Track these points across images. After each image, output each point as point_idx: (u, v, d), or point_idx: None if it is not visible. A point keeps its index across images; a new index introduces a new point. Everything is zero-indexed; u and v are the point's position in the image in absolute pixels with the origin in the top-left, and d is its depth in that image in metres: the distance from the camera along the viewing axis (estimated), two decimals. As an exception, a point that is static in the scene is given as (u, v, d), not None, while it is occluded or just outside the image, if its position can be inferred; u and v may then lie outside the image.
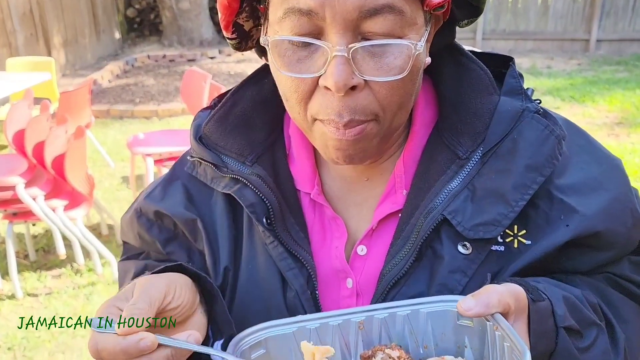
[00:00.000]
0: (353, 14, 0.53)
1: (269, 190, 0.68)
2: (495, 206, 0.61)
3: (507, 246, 0.63)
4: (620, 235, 0.65)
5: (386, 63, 0.55)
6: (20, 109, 3.15)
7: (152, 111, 6.04)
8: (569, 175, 0.64)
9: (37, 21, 7.19)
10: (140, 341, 0.52)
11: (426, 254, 0.64)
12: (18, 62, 4.88)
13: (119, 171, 4.60)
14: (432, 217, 0.62)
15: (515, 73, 0.68)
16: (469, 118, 0.65)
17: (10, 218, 2.93)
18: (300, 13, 0.54)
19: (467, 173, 0.64)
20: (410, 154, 0.68)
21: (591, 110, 6.01)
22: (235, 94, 0.73)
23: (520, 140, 0.63)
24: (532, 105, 0.65)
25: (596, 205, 0.63)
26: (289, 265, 0.67)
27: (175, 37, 8.83)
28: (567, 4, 8.85)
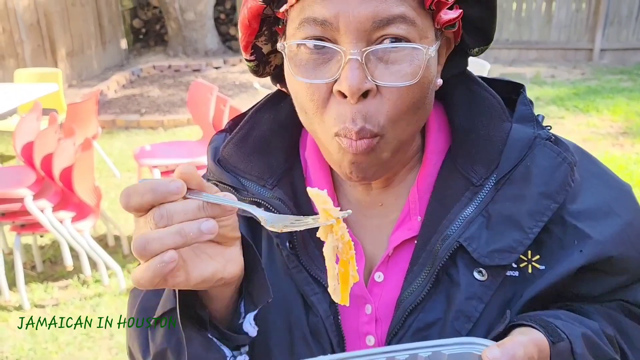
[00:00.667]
0: (366, 24, 0.55)
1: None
2: (510, 233, 0.62)
3: (521, 271, 0.64)
4: (633, 260, 0.66)
5: (398, 69, 0.57)
6: (29, 121, 3.19)
7: (158, 121, 6.08)
8: (581, 201, 0.65)
9: (44, 32, 7.26)
10: (170, 182, 0.51)
11: (443, 280, 0.64)
12: (26, 73, 4.94)
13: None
14: (448, 244, 0.63)
15: (526, 100, 0.69)
16: (482, 145, 0.66)
17: (18, 230, 2.96)
18: (315, 23, 0.56)
19: (481, 200, 0.64)
20: (424, 181, 0.69)
21: (595, 120, 6.02)
22: (253, 117, 0.74)
23: (533, 167, 0.63)
24: (544, 132, 0.66)
25: (609, 231, 0.64)
26: (313, 290, 0.67)
27: (180, 48, 8.90)
28: (570, 13, 8.88)
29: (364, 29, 0.55)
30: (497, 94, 0.71)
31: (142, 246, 0.49)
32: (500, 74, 8.16)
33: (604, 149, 5.10)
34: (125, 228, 3.77)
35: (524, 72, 8.30)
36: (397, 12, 0.55)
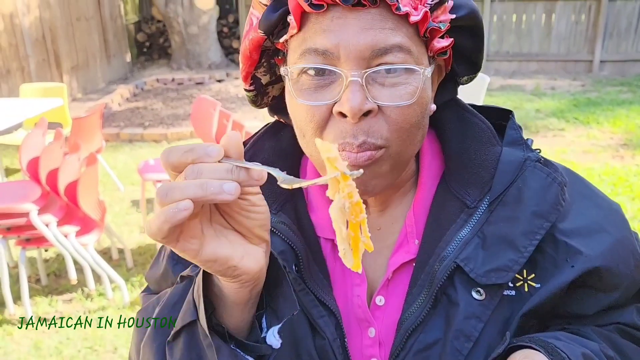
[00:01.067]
0: (365, 52, 0.58)
1: (296, 238, 0.70)
2: (505, 252, 0.64)
3: (517, 290, 0.66)
4: (623, 276, 0.67)
5: (397, 90, 0.60)
6: (34, 137, 3.23)
7: (162, 134, 6.13)
8: (571, 220, 0.67)
9: (49, 46, 7.35)
10: (209, 146, 0.52)
11: (441, 300, 0.66)
12: (31, 88, 5.00)
13: (129, 195, 4.67)
14: (446, 265, 0.65)
15: (515, 125, 0.72)
16: (475, 169, 0.69)
17: (23, 244, 2.99)
18: (317, 53, 0.60)
19: (476, 221, 0.67)
20: (419, 205, 0.72)
21: (595, 131, 6.05)
22: (254, 145, 0.77)
23: (525, 188, 0.66)
24: (533, 154, 0.69)
25: (599, 246, 0.66)
26: (320, 313, 0.68)
27: (183, 61, 8.99)
28: (569, 25, 8.95)
29: (363, 57, 0.59)
30: (489, 119, 0.74)
31: (164, 193, 0.50)
32: (501, 85, 8.21)
33: (604, 161, 5.13)
34: (129, 241, 3.80)
35: (524, 84, 8.35)
36: (394, 42, 0.59)
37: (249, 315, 0.63)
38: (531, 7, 8.95)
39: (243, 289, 0.59)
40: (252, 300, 0.62)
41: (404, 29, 0.60)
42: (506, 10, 8.99)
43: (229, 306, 0.62)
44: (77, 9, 8.00)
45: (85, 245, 3.04)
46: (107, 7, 8.78)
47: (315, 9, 0.59)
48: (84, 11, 8.18)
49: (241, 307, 0.62)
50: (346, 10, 0.59)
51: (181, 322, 0.63)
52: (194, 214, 0.51)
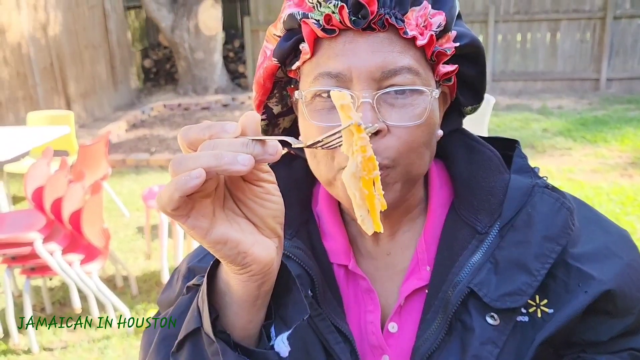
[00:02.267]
0: (376, 73, 0.61)
1: (311, 263, 0.71)
2: (518, 276, 0.64)
3: (530, 316, 0.65)
4: (635, 299, 0.67)
5: (407, 111, 0.63)
6: (39, 167, 3.25)
7: (168, 160, 6.15)
8: (581, 246, 0.67)
9: (57, 74, 7.46)
10: (227, 123, 0.51)
11: (456, 326, 0.66)
12: (38, 116, 5.05)
13: (134, 221, 4.67)
14: (459, 290, 0.65)
15: (522, 153, 0.74)
16: (484, 196, 0.70)
17: (28, 273, 2.98)
18: (330, 76, 0.63)
19: (487, 246, 0.67)
20: (430, 232, 0.73)
21: (603, 150, 6.00)
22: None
23: (534, 213, 0.67)
24: (541, 181, 0.70)
25: (611, 270, 0.66)
26: (336, 339, 0.68)
27: (190, 86, 9.08)
28: (575, 44, 8.96)
29: (374, 78, 0.62)
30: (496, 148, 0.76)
31: (178, 162, 0.49)
32: (507, 105, 8.20)
33: (612, 180, 5.08)
34: (133, 268, 3.79)
35: (531, 103, 8.34)
36: (404, 64, 0.62)
37: (256, 317, 0.60)
38: (535, 26, 8.99)
39: (251, 283, 0.57)
40: (261, 299, 0.59)
41: (412, 52, 0.63)
42: (510, 29, 9.03)
43: (236, 304, 0.59)
44: (84, 37, 8.13)
45: (89, 273, 3.03)
46: (114, 34, 8.92)
47: (328, 34, 0.63)
48: (91, 39, 8.31)
49: (248, 305, 0.59)
50: (357, 35, 0.62)
51: (185, 331, 0.61)
52: (206, 193, 0.51)
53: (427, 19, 0.63)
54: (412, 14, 0.63)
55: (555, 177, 5.22)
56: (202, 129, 0.51)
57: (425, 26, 0.63)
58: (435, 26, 0.63)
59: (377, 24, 0.61)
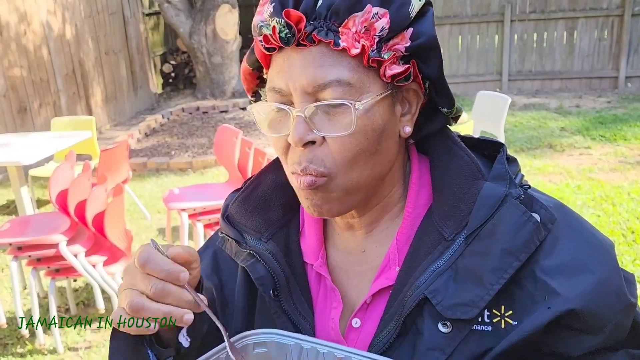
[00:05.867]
0: (308, 89, 0.65)
1: (277, 265, 0.76)
2: (473, 288, 0.64)
3: (494, 326, 0.65)
4: (605, 318, 0.64)
5: (337, 121, 0.65)
6: (63, 170, 3.34)
7: (187, 163, 6.25)
8: (555, 257, 0.65)
9: (79, 80, 7.61)
10: (182, 272, 0.64)
11: (411, 330, 0.68)
12: (61, 121, 5.17)
13: (156, 223, 4.76)
14: (416, 295, 0.66)
15: (503, 159, 0.72)
16: (455, 202, 0.70)
17: (53, 275, 3.07)
18: (275, 91, 0.68)
19: (451, 254, 0.67)
20: (403, 233, 0.74)
21: (623, 149, 5.94)
22: (257, 178, 0.84)
23: (499, 224, 0.66)
24: (515, 191, 0.68)
25: (579, 288, 0.63)
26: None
27: (208, 90, 9.18)
28: (593, 42, 8.87)
29: (308, 92, 0.65)
30: (484, 152, 0.76)
31: (137, 309, 0.62)
32: (524, 104, 8.15)
33: (633, 179, 5.02)
34: (155, 270, 3.86)
35: (548, 102, 8.27)
36: (333, 78, 0.64)
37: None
38: (552, 25, 8.92)
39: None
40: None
41: (346, 62, 0.64)
42: (527, 29, 8.97)
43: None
44: (105, 44, 8.28)
45: (112, 274, 3.10)
46: (134, 40, 9.07)
47: (268, 52, 0.68)
48: (112, 46, 8.46)
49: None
50: (292, 51, 0.66)
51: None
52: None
53: (370, 24, 0.63)
54: (354, 20, 0.63)
55: (575, 176, 5.18)
56: (159, 271, 0.63)
57: (367, 31, 0.63)
58: (379, 30, 0.64)
59: (306, 40, 0.64)
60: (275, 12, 0.65)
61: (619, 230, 4.06)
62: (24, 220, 3.40)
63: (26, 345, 3.13)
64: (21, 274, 3.60)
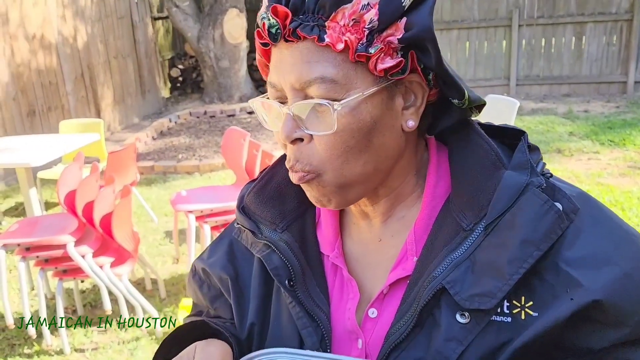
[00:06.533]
0: (296, 85, 0.65)
1: (292, 256, 0.76)
2: (490, 278, 0.63)
3: (514, 317, 0.63)
4: (631, 311, 0.62)
5: (322, 120, 0.65)
6: (71, 171, 3.35)
7: (194, 166, 6.26)
8: (578, 248, 0.63)
9: (88, 84, 7.66)
10: None
11: (427, 321, 0.67)
12: (70, 124, 5.20)
13: (163, 226, 4.76)
14: (433, 286, 0.65)
15: (524, 147, 0.69)
16: (474, 192, 0.68)
17: (60, 275, 3.07)
18: (271, 86, 0.69)
19: (470, 244, 0.66)
20: (421, 224, 0.72)
21: (632, 153, 5.89)
22: (272, 169, 0.85)
23: (519, 214, 0.64)
24: (537, 179, 0.66)
25: (603, 280, 0.62)
26: (304, 324, 0.74)
27: (215, 94, 9.21)
28: (601, 47, 8.83)
29: (296, 89, 0.65)
30: (504, 140, 0.74)
31: None
32: (532, 109, 8.12)
33: (642, 184, 4.99)
34: (162, 272, 3.86)
35: (556, 107, 8.23)
36: (316, 75, 0.63)
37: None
38: (560, 31, 8.89)
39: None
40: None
41: (331, 57, 0.63)
42: (535, 34, 8.95)
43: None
44: (114, 48, 8.33)
45: (119, 275, 3.10)
46: (142, 45, 9.12)
47: (264, 47, 0.69)
48: (120, 50, 8.51)
49: None
50: (282, 46, 0.66)
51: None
52: None
53: (359, 16, 0.61)
54: (342, 13, 0.62)
55: (584, 181, 5.14)
56: None
57: (356, 24, 0.62)
58: (368, 22, 0.62)
59: (291, 36, 0.64)
60: (267, 8, 0.65)
61: (629, 235, 4.01)
62: (32, 221, 3.41)
63: (33, 346, 3.13)
64: (29, 275, 3.61)
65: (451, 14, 8.97)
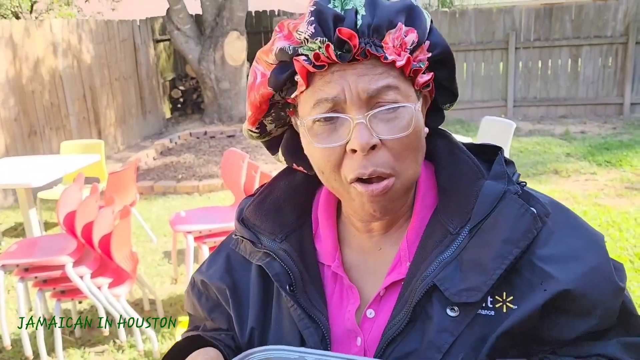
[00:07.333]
0: (363, 94, 0.70)
1: (292, 263, 0.82)
2: (477, 275, 0.71)
3: (497, 311, 0.71)
4: (597, 301, 0.71)
5: (395, 124, 0.71)
6: (71, 192, 3.38)
7: (194, 187, 6.29)
8: (550, 247, 0.72)
9: (89, 105, 7.74)
10: None
11: (421, 316, 0.74)
12: (71, 144, 5.25)
13: (162, 246, 4.77)
14: (425, 284, 0.72)
15: (501, 160, 0.80)
16: (460, 200, 0.77)
17: (58, 296, 3.08)
18: (327, 101, 0.72)
19: (457, 246, 0.74)
20: (413, 232, 0.80)
21: (629, 174, 5.93)
22: (271, 184, 0.90)
23: (499, 217, 0.73)
24: (514, 187, 0.76)
25: (572, 272, 0.71)
26: (306, 325, 0.79)
27: (215, 115, 9.30)
28: (597, 69, 8.94)
29: (363, 99, 0.70)
30: (483, 155, 0.83)
31: None
32: (529, 130, 8.18)
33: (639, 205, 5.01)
34: (160, 292, 3.87)
35: (553, 128, 8.30)
36: (385, 83, 0.71)
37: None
38: (556, 53, 9.01)
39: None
40: None
41: (392, 72, 0.71)
42: (531, 56, 9.06)
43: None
44: (116, 70, 8.44)
45: (117, 296, 3.11)
46: (144, 67, 9.23)
47: (318, 69, 0.71)
48: (122, 72, 8.61)
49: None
50: (344, 65, 0.71)
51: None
52: None
53: (402, 39, 0.71)
54: (389, 36, 0.71)
55: (581, 202, 5.17)
56: None
57: (401, 46, 0.71)
58: (410, 44, 0.72)
59: (360, 55, 0.70)
60: (317, 32, 0.70)
61: (626, 256, 4.03)
62: (32, 242, 3.43)
63: (30, 367, 3.12)
64: (27, 295, 3.61)
65: (449, 36, 9.09)
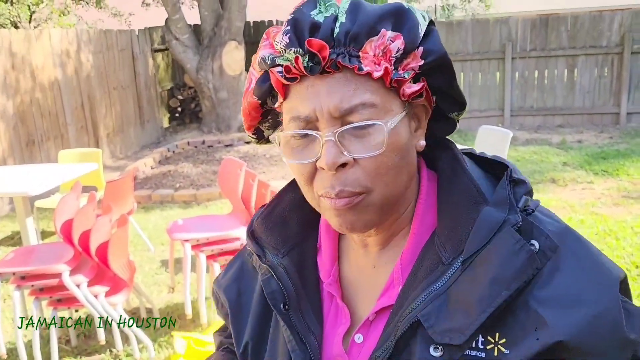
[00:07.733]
0: (335, 113, 0.66)
1: (288, 281, 0.80)
2: (462, 315, 0.64)
3: (487, 353, 0.64)
4: (597, 353, 0.62)
5: (368, 141, 0.67)
6: (69, 200, 3.37)
7: (192, 195, 6.29)
8: (552, 287, 0.63)
9: (87, 114, 7.75)
10: None
11: (405, 350, 0.68)
12: (69, 153, 5.25)
13: (159, 255, 4.76)
14: (410, 318, 0.67)
15: (505, 184, 0.71)
16: (454, 226, 0.70)
17: (55, 305, 3.07)
18: (299, 119, 0.69)
19: (448, 278, 0.67)
20: (408, 254, 0.74)
21: (626, 183, 5.95)
22: (279, 196, 0.88)
23: (492, 252, 0.65)
24: (514, 217, 0.66)
25: (569, 320, 0.61)
26: (294, 347, 0.77)
27: (214, 124, 9.32)
28: (593, 79, 8.99)
29: (334, 117, 0.67)
30: (496, 172, 0.76)
31: None
32: (526, 140, 8.21)
33: (636, 213, 5.02)
34: (157, 301, 3.85)
35: (550, 137, 8.33)
36: (358, 101, 0.66)
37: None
38: (552, 63, 9.06)
39: None
40: None
41: (369, 85, 0.67)
42: (528, 66, 9.11)
43: None
44: (115, 79, 8.46)
45: (114, 305, 3.10)
46: (142, 76, 9.26)
47: (290, 82, 0.69)
48: (120, 81, 8.64)
49: None
50: (316, 79, 0.68)
51: None
52: None
53: (385, 47, 0.66)
54: (370, 45, 0.66)
55: (578, 210, 5.18)
56: None
57: (384, 54, 0.66)
58: (395, 52, 0.67)
59: (330, 67, 0.66)
60: (292, 42, 0.67)
61: (623, 265, 4.03)
62: (28, 250, 3.42)
63: (26, 377, 3.10)
64: (23, 304, 3.60)
65: (446, 46, 9.10)
